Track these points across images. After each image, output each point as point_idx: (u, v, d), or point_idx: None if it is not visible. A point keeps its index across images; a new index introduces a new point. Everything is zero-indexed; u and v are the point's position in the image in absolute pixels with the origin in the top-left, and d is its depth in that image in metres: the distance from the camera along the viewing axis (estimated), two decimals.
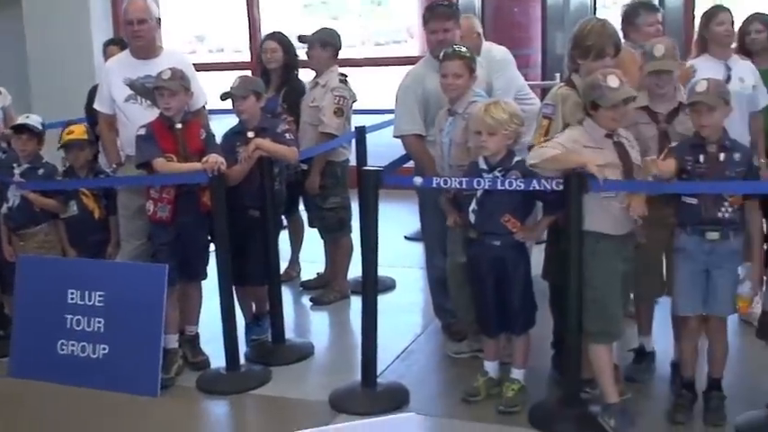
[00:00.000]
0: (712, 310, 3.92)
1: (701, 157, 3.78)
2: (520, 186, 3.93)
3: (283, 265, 5.90)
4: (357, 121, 6.09)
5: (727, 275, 3.85)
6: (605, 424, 3.85)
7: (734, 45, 5.23)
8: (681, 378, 4.09)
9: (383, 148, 5.56)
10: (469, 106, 4.34)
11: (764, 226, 4.60)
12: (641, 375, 4.44)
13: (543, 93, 6.56)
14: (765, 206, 4.36)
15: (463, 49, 4.42)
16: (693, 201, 3.81)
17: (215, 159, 4.44)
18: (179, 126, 4.58)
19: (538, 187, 3.89)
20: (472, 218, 4.09)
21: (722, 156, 3.79)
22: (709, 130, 3.77)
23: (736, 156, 3.80)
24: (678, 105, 4.08)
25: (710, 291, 3.87)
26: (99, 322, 4.67)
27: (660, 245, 4.11)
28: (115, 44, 6.51)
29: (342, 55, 5.95)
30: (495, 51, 5.23)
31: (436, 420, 4.18)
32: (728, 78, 4.73)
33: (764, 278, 4.11)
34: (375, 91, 7.98)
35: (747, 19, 5.24)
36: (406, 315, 5.56)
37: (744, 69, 4.89)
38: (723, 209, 3.78)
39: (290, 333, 5.13)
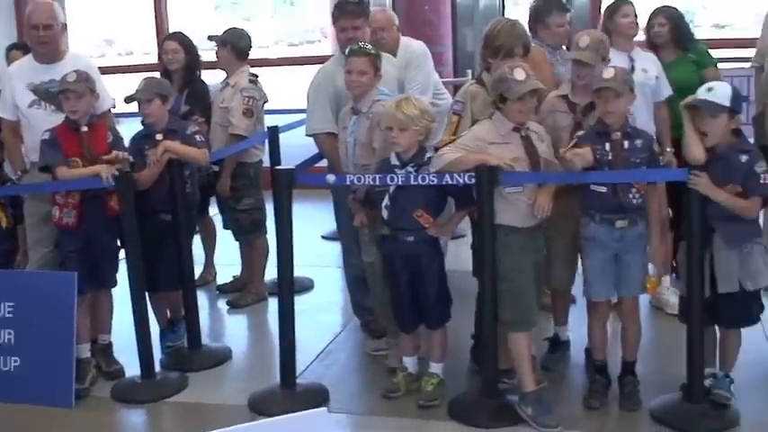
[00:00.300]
0: (624, 292, 4.02)
1: (607, 145, 3.87)
2: (432, 181, 3.95)
3: (198, 270, 5.82)
4: (271, 121, 6.05)
5: (637, 258, 3.97)
6: (522, 413, 3.91)
7: (640, 38, 5.36)
8: (594, 363, 4.18)
9: (297, 148, 5.52)
10: (374, 105, 4.34)
11: (669, 212, 4.75)
12: (556, 364, 4.52)
13: (455, 89, 6.60)
14: (672, 194, 4.49)
15: (369, 47, 4.43)
16: (603, 189, 3.90)
17: (119, 155, 4.38)
18: (84, 129, 4.47)
19: (450, 182, 3.92)
20: (385, 214, 4.09)
21: (626, 143, 3.89)
22: (613, 117, 3.86)
23: (638, 142, 3.91)
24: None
25: (621, 274, 3.98)
26: (9, 334, 4.52)
27: (570, 235, 4.18)
28: (18, 49, 6.33)
29: (254, 55, 5.90)
30: (414, 46, 5.24)
31: (356, 418, 4.18)
32: (632, 69, 4.82)
33: (674, 263, 4.23)
34: (289, 91, 7.93)
35: (652, 13, 5.36)
36: (324, 315, 5.55)
37: (646, 61, 5.01)
38: (631, 195, 3.88)
39: (206, 338, 5.06)
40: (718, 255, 3.80)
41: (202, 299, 5.54)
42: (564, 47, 5.14)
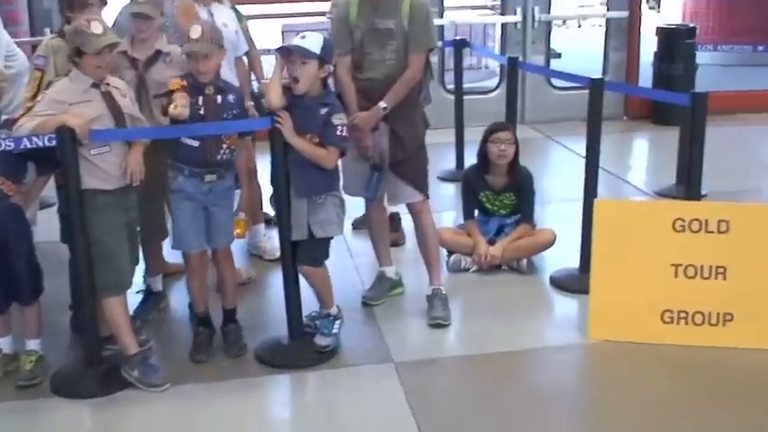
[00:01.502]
0: (216, 243, 4.10)
1: (200, 99, 3.89)
2: (10, 146, 3.69)
3: None
4: None
5: (225, 210, 4.07)
6: (129, 376, 3.86)
7: None
8: (196, 315, 4.24)
9: None
10: None
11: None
12: (147, 314, 4.55)
13: (33, 49, 6.21)
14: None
15: None
16: (195, 143, 3.91)
17: None
18: None
19: (30, 146, 3.69)
20: None
21: (219, 98, 3.94)
22: (206, 77, 3.89)
23: (231, 98, 3.98)
24: (155, 53, 4.18)
25: (211, 226, 4.04)
26: None
27: (159, 188, 4.15)
28: None
29: None
30: None
31: None
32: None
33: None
34: None
35: None
36: None
37: (225, 15, 5.05)
38: (222, 151, 3.94)
39: None
40: (292, 203, 3.99)
41: None
42: None
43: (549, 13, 9.17)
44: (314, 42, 3.88)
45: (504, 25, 9.17)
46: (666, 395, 3.79)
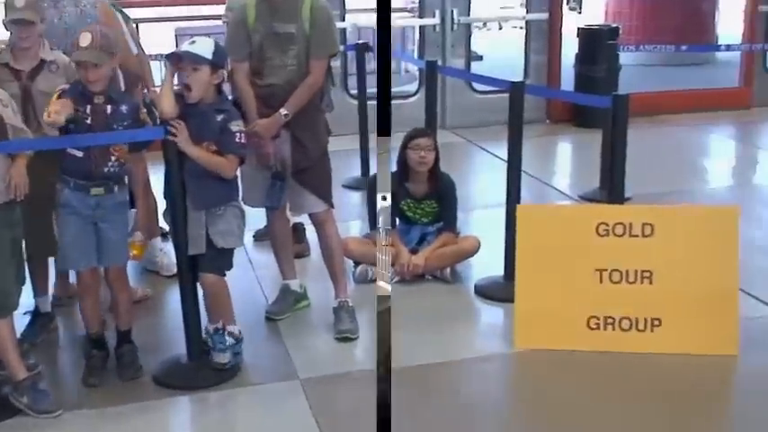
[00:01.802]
0: (106, 262, 3.91)
1: (88, 108, 3.72)
2: None
3: None
4: None
5: (117, 227, 3.88)
6: (18, 403, 3.65)
7: None
8: (89, 337, 4.03)
9: None
10: None
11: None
12: (35, 337, 4.30)
13: None
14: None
15: None
16: (79, 154, 3.73)
17: None
18: None
19: None
20: None
21: (109, 108, 3.77)
22: (97, 86, 3.73)
23: (123, 108, 3.81)
24: (40, 62, 4.00)
25: (101, 244, 3.85)
26: None
27: (46, 202, 3.92)
28: None
29: None
30: None
31: None
32: None
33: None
34: None
35: None
36: None
37: None
38: (110, 164, 3.78)
39: None
40: (189, 215, 3.85)
41: None
42: None
43: (468, 15, 9.04)
44: (204, 47, 3.76)
45: (422, 28, 9.03)
46: (593, 403, 3.76)
